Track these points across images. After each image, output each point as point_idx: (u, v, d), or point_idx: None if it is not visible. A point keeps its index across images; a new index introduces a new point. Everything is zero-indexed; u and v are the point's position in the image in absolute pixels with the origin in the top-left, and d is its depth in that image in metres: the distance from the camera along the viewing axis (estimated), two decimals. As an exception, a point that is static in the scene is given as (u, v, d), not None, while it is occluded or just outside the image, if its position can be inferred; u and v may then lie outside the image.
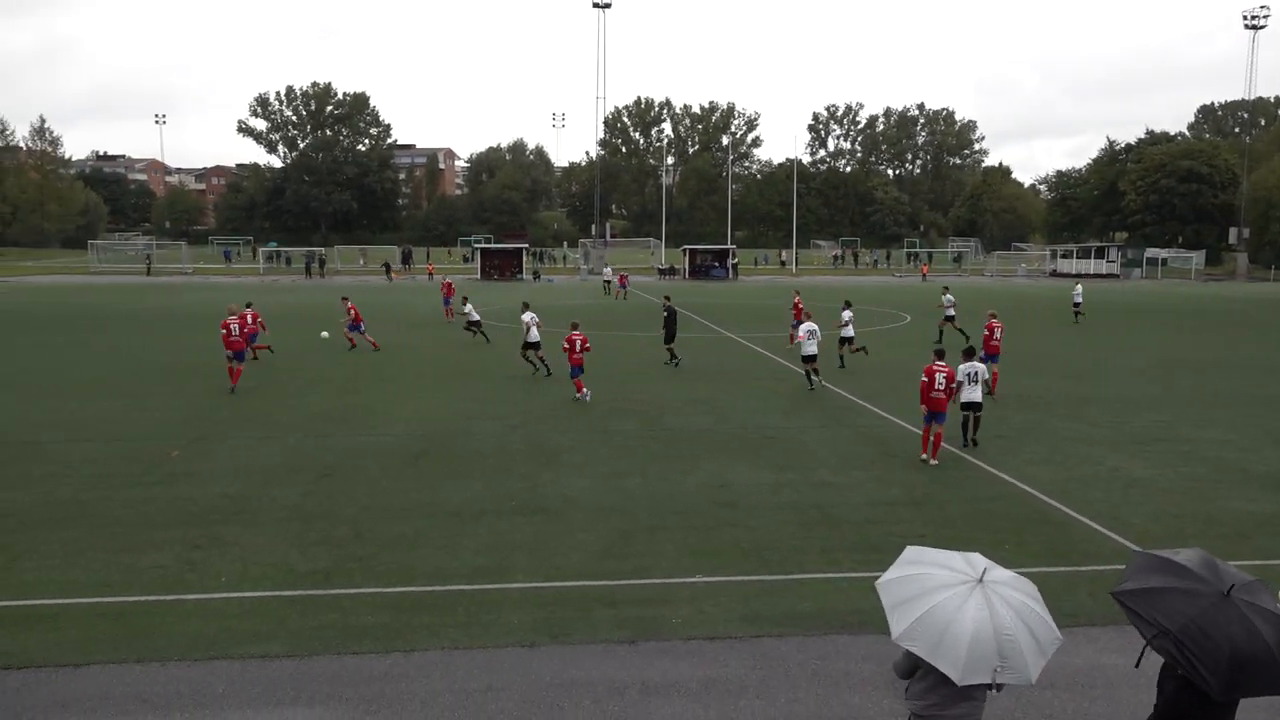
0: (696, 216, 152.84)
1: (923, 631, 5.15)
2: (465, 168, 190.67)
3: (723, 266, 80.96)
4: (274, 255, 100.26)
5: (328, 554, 11.14)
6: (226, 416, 19.32)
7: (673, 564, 10.86)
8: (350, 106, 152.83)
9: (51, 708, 7.61)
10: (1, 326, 37.62)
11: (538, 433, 17.84)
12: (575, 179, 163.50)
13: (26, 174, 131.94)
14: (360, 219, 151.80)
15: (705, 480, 14.48)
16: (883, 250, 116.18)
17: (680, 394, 22.07)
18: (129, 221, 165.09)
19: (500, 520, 12.43)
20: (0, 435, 17.46)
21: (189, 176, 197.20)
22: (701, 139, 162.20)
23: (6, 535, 11.74)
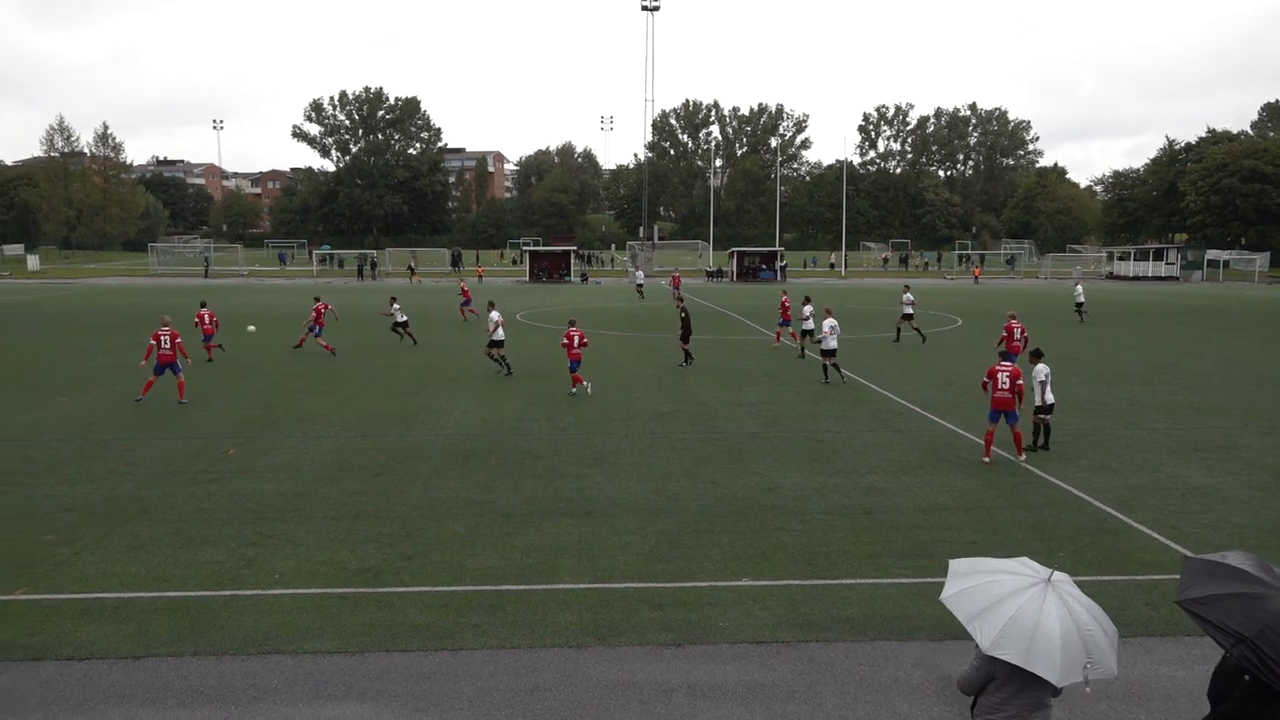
0: (744, 219, 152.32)
1: (1013, 638, 5.08)
2: (514, 171, 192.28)
3: (771, 269, 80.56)
4: (327, 258, 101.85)
5: (378, 552, 11.29)
6: (281, 416, 19.67)
7: (720, 567, 10.83)
8: (402, 111, 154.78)
9: (112, 698, 7.81)
10: (70, 327, 38.70)
11: (587, 435, 17.91)
12: (623, 182, 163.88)
13: (90, 179, 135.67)
14: (411, 222, 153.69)
15: (753, 484, 14.42)
16: (934, 252, 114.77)
17: (728, 397, 22.01)
18: (188, 225, 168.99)
19: (549, 521, 12.50)
20: (68, 432, 17.98)
21: (245, 181, 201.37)
22: (750, 141, 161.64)
23: (71, 530, 12.08)
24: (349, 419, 19.35)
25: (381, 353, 30.30)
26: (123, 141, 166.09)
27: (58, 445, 16.91)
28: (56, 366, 27.31)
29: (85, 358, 29.20)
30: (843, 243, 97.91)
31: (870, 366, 26.94)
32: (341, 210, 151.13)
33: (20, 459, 15.88)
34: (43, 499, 13.45)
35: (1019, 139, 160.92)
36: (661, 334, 36.27)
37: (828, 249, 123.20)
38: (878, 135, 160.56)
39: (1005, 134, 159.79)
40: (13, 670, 8.28)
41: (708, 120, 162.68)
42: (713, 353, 30.60)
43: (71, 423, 18.94)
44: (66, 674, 8.21)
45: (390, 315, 32.46)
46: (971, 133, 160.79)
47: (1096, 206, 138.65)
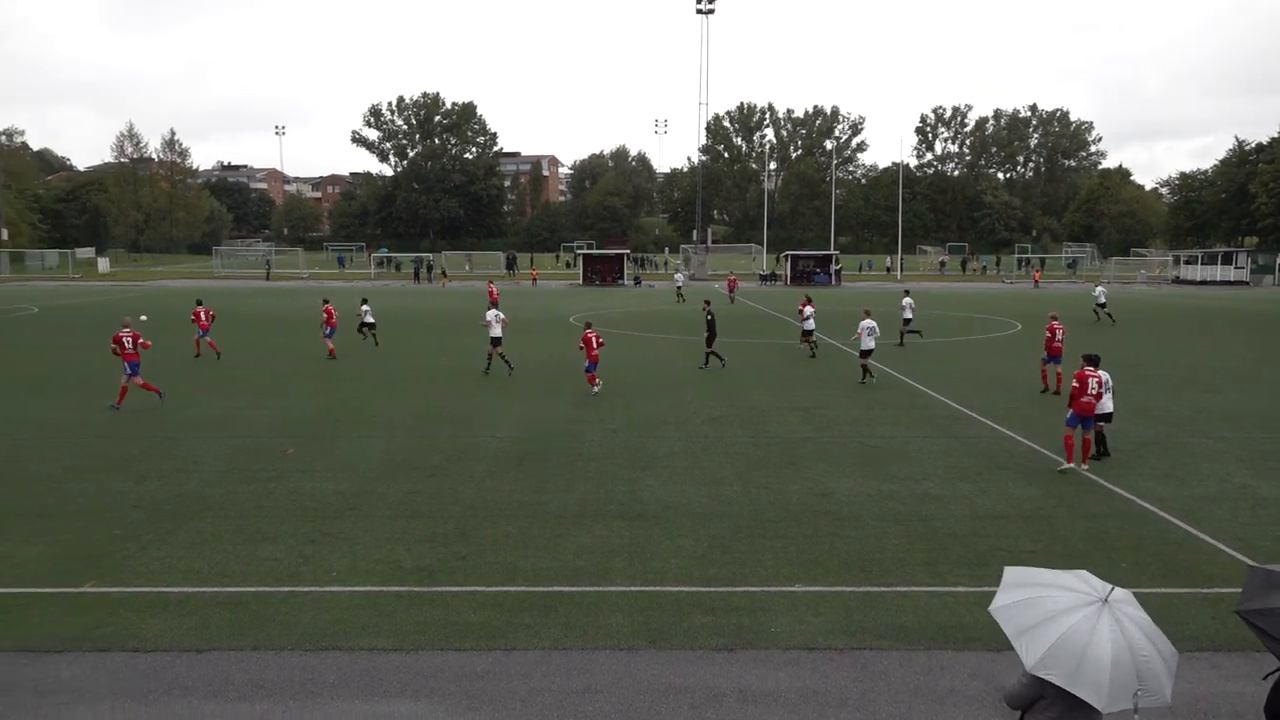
0: (799, 222, 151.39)
1: (1059, 659, 4.89)
2: (568, 175, 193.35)
3: (825, 272, 79.98)
4: (384, 261, 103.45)
5: (433, 551, 11.43)
6: (339, 416, 20.01)
7: (772, 572, 10.78)
8: (458, 116, 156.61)
9: (176, 690, 8.01)
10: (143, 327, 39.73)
11: (639, 437, 17.94)
12: (677, 185, 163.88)
13: (158, 184, 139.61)
14: (467, 225, 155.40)
15: (806, 489, 14.33)
16: (992, 256, 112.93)
17: (781, 401, 21.89)
18: (250, 228, 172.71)
19: (600, 523, 12.55)
20: (137, 430, 18.49)
21: (306, 185, 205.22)
22: (805, 144, 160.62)
23: (138, 525, 12.41)
24: (404, 420, 19.61)
25: (433, 355, 30.66)
26: (189, 147, 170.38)
27: (127, 442, 17.40)
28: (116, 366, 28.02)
29: (150, 357, 29.95)
30: (898, 246, 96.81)
31: (926, 371, 26.60)
32: (399, 214, 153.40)
33: (92, 455, 16.37)
34: (112, 495, 13.85)
35: (1081, 140, 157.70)
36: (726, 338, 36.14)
37: (884, 252, 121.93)
38: (935, 137, 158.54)
39: (1067, 135, 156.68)
40: (82, 660, 8.53)
41: (762, 123, 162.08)
42: (764, 357, 30.47)
43: (139, 421, 19.47)
44: (133, 665, 8.44)
45: (360, 316, 33.67)
46: (1032, 134, 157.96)
47: (1162, 209, 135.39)
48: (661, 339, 35.82)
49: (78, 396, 22.44)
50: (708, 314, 28.09)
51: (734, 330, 39.01)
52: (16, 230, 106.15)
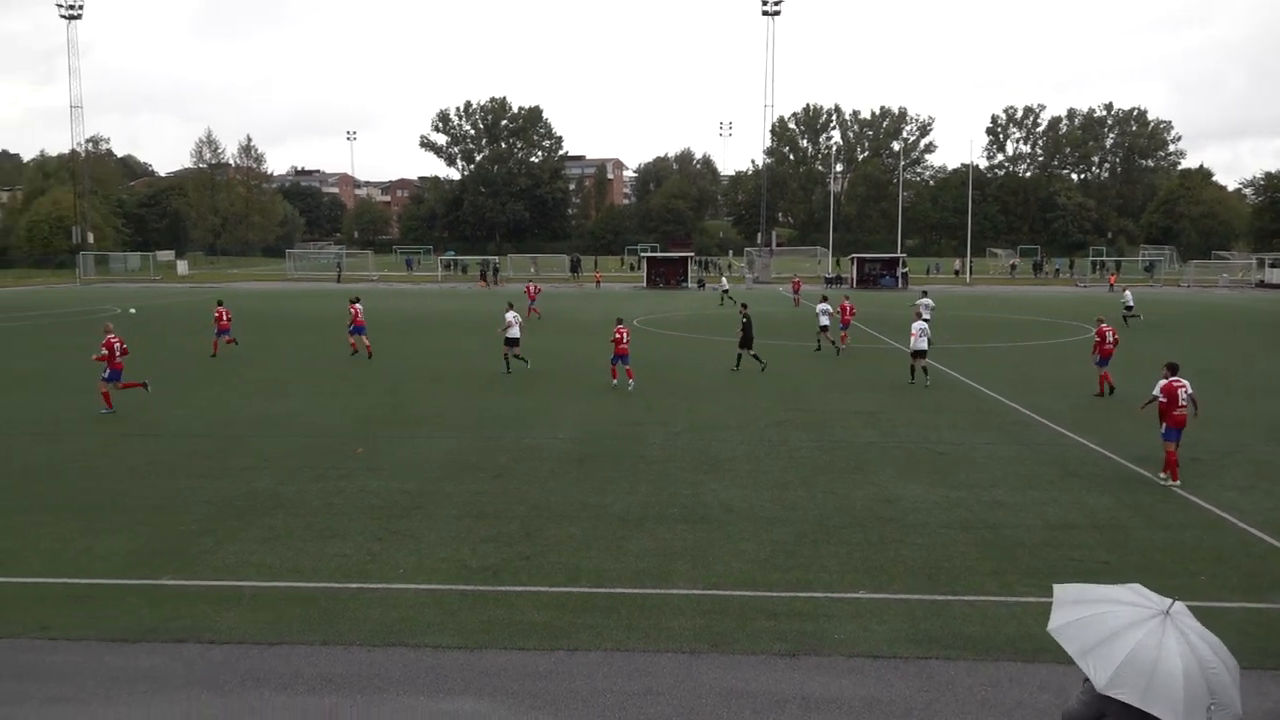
0: (865, 224, 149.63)
1: (1131, 676, 4.73)
2: (633, 177, 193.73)
3: (892, 275, 78.93)
4: (451, 264, 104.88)
5: (497, 551, 11.54)
6: (405, 416, 20.33)
7: (836, 578, 10.66)
8: (525, 120, 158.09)
9: (249, 682, 8.21)
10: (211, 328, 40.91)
11: (702, 440, 17.90)
12: (741, 187, 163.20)
13: (235, 189, 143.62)
14: (532, 228, 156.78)
15: (872, 494, 14.15)
16: (1066, 258, 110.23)
17: (846, 406, 21.66)
18: (322, 231, 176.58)
19: (663, 526, 12.55)
20: (210, 429, 19.03)
21: (376, 189, 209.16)
22: (872, 145, 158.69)
23: (213, 521, 12.77)
24: (468, 420, 19.85)
25: (496, 358, 30.97)
26: (264, 153, 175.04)
27: (201, 440, 17.91)
28: (202, 364, 28.92)
29: (223, 357, 30.82)
30: (968, 249, 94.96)
31: (995, 376, 26.08)
32: (466, 217, 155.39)
33: (168, 452, 16.88)
34: (188, 491, 14.26)
35: (1159, 139, 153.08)
36: (775, 340, 35.95)
37: (952, 255, 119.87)
38: (1006, 137, 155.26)
39: (1144, 134, 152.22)
40: (160, 651, 8.80)
41: (828, 125, 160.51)
42: (828, 361, 30.18)
43: (210, 420, 20.02)
44: (207, 656, 8.68)
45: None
46: (1107, 134, 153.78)
47: (1245, 210, 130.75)
48: (723, 342, 35.67)
49: (155, 396, 23.14)
50: (744, 317, 28.43)
51: (795, 333, 38.71)
52: (101, 234, 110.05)
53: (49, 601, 9.95)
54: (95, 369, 26.30)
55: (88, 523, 12.67)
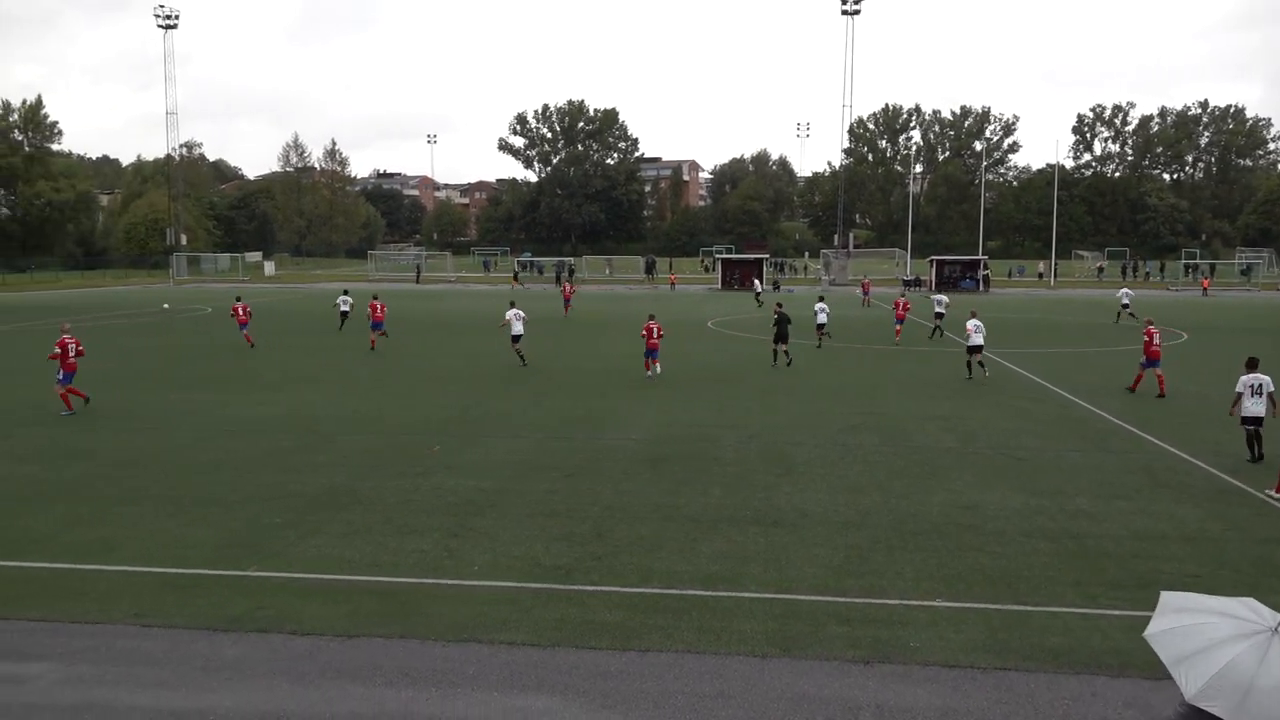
0: (945, 226, 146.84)
1: (1222, 689, 4.55)
2: (708, 179, 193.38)
3: (972, 278, 77.29)
4: (528, 264, 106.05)
5: (570, 550, 11.63)
6: (480, 416, 20.63)
7: (911, 585, 10.49)
8: (601, 122, 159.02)
9: (329, 673, 8.43)
10: (298, 328, 42.12)
11: (776, 444, 17.79)
12: (818, 189, 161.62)
13: (320, 191, 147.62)
14: (607, 230, 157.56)
15: (949, 501, 13.88)
16: (1156, 261, 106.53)
17: (921, 410, 21.29)
18: (402, 233, 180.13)
19: (735, 529, 12.50)
20: (293, 425, 19.58)
21: (455, 192, 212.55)
22: (953, 145, 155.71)
23: (297, 514, 13.13)
24: (542, 421, 20.04)
25: (568, 358, 31.19)
26: (348, 156, 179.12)
27: (285, 436, 18.43)
28: (285, 363, 29.76)
29: (309, 356, 31.69)
30: (1052, 251, 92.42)
31: (1079, 382, 25.35)
32: (542, 219, 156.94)
33: (253, 449, 17.42)
34: (272, 485, 14.70)
35: (1258, 138, 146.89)
36: (851, 343, 35.53)
37: (1036, 258, 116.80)
38: (1094, 137, 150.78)
39: (1242, 133, 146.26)
40: (244, 641, 9.09)
41: (908, 125, 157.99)
42: (905, 364, 29.71)
43: (294, 417, 20.59)
44: (289, 647, 8.93)
45: (337, 306, 40.11)
46: (1202, 132, 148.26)
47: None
48: (795, 344, 35.38)
49: (241, 394, 23.88)
50: (776, 314, 29.42)
51: (869, 335, 38.19)
52: (194, 235, 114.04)
53: (143, 589, 10.35)
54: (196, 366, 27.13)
55: (179, 514, 13.15)
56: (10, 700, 7.96)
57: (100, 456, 16.77)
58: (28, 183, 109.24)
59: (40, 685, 8.22)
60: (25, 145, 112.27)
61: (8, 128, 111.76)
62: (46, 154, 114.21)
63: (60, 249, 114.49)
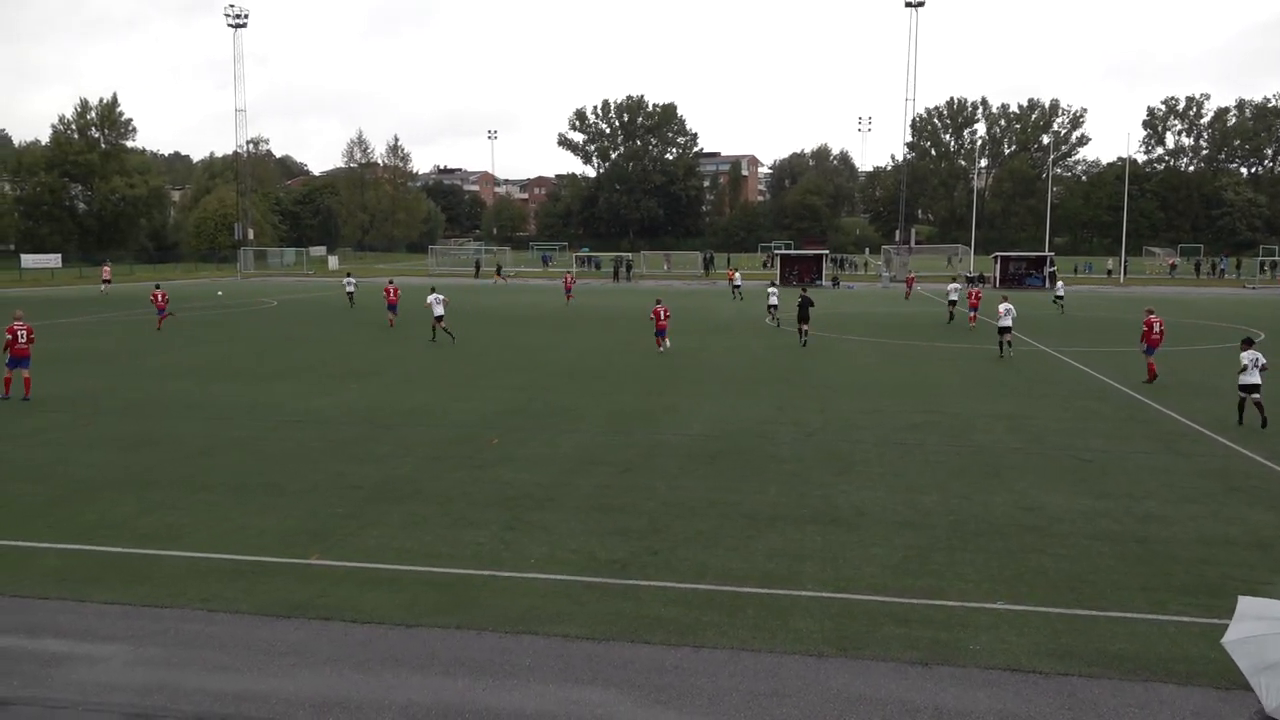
0: (1011, 222, 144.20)
1: None
2: (768, 174, 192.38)
3: (1038, 275, 75.70)
4: (585, 260, 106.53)
5: (625, 545, 11.67)
6: (538, 409, 20.78)
7: (972, 587, 10.33)
8: (660, 117, 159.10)
9: (388, 661, 8.57)
10: (360, 321, 42.86)
11: (835, 441, 17.64)
12: (880, 184, 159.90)
13: (382, 187, 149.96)
14: (666, 225, 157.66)
15: (1012, 501, 13.64)
16: (1232, 259, 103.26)
17: (985, 409, 20.93)
18: (462, 229, 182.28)
19: (793, 526, 12.43)
20: (356, 416, 19.92)
21: (514, 187, 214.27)
22: (1019, 139, 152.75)
23: (358, 505, 13.37)
24: (599, 415, 20.13)
25: (624, 353, 31.28)
26: (410, 152, 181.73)
27: (347, 428, 18.77)
28: (348, 356, 30.31)
29: (370, 349, 32.22)
30: (1122, 247, 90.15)
31: (1154, 383, 24.67)
32: (601, 214, 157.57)
33: (317, 439, 17.77)
34: (336, 476, 14.98)
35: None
36: (916, 340, 35.06)
37: (1105, 254, 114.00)
38: (1166, 130, 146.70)
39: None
40: (306, 627, 9.28)
41: (972, 118, 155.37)
42: (969, 363, 29.23)
43: (356, 408, 20.95)
44: (350, 635, 9.10)
45: (345, 286, 47.76)
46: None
47: None
48: (857, 341, 35.04)
49: (306, 387, 24.38)
50: (799, 298, 32.97)
51: (925, 333, 37.65)
52: (260, 230, 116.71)
53: (210, 576, 10.63)
54: (259, 358, 27.79)
55: (243, 503, 13.47)
56: (86, 679, 8.24)
57: (170, 446, 17.25)
58: (103, 179, 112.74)
59: (113, 665, 8.50)
60: (101, 142, 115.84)
61: (85, 125, 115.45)
62: (121, 150, 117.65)
63: (133, 243, 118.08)
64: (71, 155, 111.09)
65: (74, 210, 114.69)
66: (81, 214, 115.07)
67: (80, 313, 47.66)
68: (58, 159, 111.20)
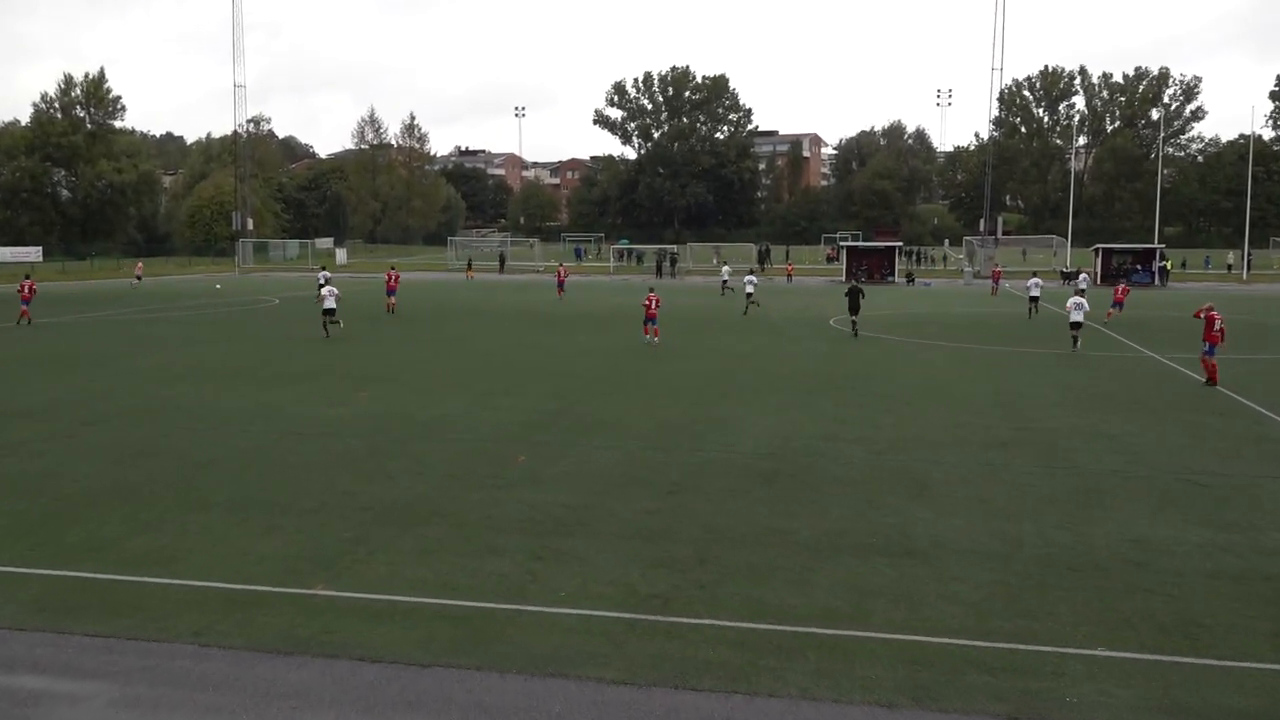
0: (1114, 209, 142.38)
1: None
2: (832, 155, 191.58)
3: (1147, 270, 74.66)
4: (624, 253, 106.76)
5: (669, 578, 11.66)
6: (571, 422, 20.86)
7: (1068, 630, 10.19)
8: (709, 91, 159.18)
9: (400, 705, 8.64)
10: (372, 322, 43.35)
11: (908, 460, 17.51)
12: (961, 166, 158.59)
13: (396, 171, 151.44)
14: (715, 213, 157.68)
15: (1114, 532, 13.44)
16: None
17: (1085, 425, 20.66)
18: (485, 218, 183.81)
19: (859, 558, 12.36)
20: (367, 428, 20.14)
21: (544, 171, 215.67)
22: (1124, 113, 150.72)
23: (366, 528, 13.51)
24: (640, 429, 20.15)
25: (673, 358, 31.28)
26: (428, 132, 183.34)
27: (357, 441, 18.98)
28: (358, 362, 30.64)
29: (383, 354, 32.55)
30: (1245, 239, 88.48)
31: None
32: (641, 201, 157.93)
33: (324, 453, 17.98)
34: (343, 495, 15.15)
35: None
36: (1002, 345, 34.70)
37: (1225, 246, 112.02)
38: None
39: None
40: (310, 665, 9.38)
41: (1070, 90, 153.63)
42: (1065, 371, 28.85)
43: (370, 419, 21.18)
44: (358, 674, 9.19)
45: (318, 282, 48.85)
46: None
47: None
48: (934, 346, 34.76)
49: (312, 393, 24.69)
50: (849, 286, 37.63)
51: (1014, 336, 37.22)
52: (261, 220, 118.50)
53: (203, 606, 10.78)
54: (265, 362, 28.23)
55: (243, 524, 13.67)
56: (64, 721, 8.40)
57: (165, 458, 17.55)
58: (89, 162, 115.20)
59: (94, 706, 8.65)
60: (87, 122, 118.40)
61: (70, 104, 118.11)
62: (109, 131, 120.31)
63: (121, 233, 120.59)
64: (54, 137, 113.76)
65: (56, 198, 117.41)
66: (64, 202, 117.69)
67: (106, 308, 48.75)
68: (39, 141, 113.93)
